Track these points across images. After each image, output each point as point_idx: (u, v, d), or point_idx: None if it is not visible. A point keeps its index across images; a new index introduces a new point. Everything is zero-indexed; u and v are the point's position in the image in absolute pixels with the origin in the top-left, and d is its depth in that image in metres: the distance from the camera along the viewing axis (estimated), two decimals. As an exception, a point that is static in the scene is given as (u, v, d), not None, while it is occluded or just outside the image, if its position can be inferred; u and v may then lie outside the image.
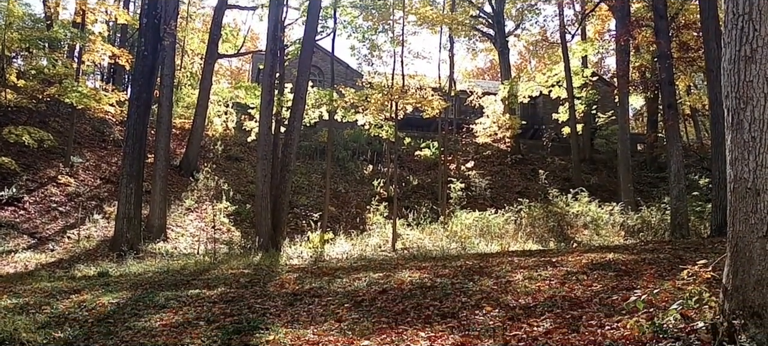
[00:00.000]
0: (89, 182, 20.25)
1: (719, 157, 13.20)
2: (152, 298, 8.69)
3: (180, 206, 20.26)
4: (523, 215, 19.78)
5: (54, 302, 8.56)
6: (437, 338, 6.11)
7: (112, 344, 6.65)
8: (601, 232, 18.60)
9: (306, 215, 21.50)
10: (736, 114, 4.46)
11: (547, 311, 6.82)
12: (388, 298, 8.16)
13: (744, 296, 4.35)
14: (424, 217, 21.31)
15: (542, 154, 31.09)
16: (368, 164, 27.59)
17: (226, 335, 6.80)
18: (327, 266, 11.76)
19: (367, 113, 21.46)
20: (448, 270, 9.82)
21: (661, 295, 5.77)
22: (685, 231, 15.40)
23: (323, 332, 6.69)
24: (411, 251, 16.46)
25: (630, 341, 5.14)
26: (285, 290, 9.08)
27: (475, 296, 7.83)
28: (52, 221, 17.27)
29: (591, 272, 8.80)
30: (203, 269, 12.04)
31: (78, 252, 15.37)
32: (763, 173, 4.28)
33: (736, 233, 4.46)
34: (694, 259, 5.70)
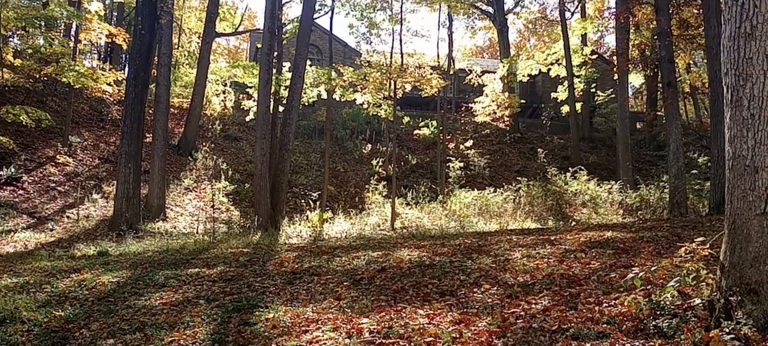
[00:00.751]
0: (88, 162, 20.23)
1: (718, 136, 13.19)
2: (152, 277, 8.73)
3: (179, 185, 20.25)
4: (521, 194, 19.81)
5: (54, 281, 8.59)
6: (436, 316, 6.15)
7: (113, 322, 6.68)
8: (600, 210, 18.65)
9: (305, 195, 21.51)
10: (736, 91, 4.44)
11: (545, 288, 6.85)
12: (387, 276, 8.19)
13: (741, 272, 4.36)
14: (423, 196, 21.34)
15: (541, 132, 31.06)
16: (367, 143, 27.56)
17: (225, 313, 6.83)
18: (326, 245, 11.79)
19: (366, 92, 21.40)
20: (446, 249, 9.85)
21: (659, 272, 5.80)
22: (684, 209, 15.43)
23: (322, 310, 6.72)
24: (410, 230, 16.50)
25: (627, 318, 5.17)
26: (284, 268, 9.11)
27: (473, 274, 7.86)
28: (51, 201, 17.28)
29: (589, 250, 8.83)
30: (202, 248, 12.07)
31: (77, 232, 15.39)
32: (762, 151, 4.27)
33: (733, 211, 4.46)
34: (692, 237, 5.72)
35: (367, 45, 25.34)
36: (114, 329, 6.45)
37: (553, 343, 4.94)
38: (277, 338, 5.86)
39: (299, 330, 6.04)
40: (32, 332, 6.45)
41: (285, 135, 18.07)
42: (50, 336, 6.31)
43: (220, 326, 6.42)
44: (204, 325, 6.50)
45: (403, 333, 5.61)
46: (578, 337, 4.99)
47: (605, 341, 4.77)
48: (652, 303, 5.11)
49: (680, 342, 4.37)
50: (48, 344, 6.09)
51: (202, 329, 6.35)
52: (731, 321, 4.29)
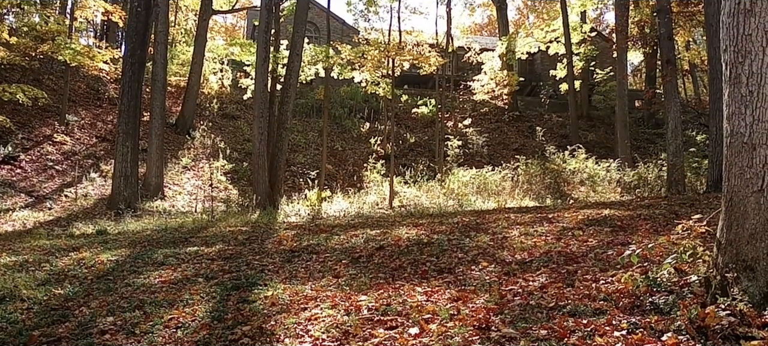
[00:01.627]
0: (85, 141, 20.18)
1: (717, 113, 13.17)
2: (151, 255, 8.75)
3: (177, 164, 20.23)
4: (520, 172, 19.82)
5: (53, 260, 8.62)
6: (434, 293, 6.18)
7: (112, 300, 6.71)
8: (598, 188, 18.67)
9: (303, 173, 21.51)
10: (734, 68, 4.42)
11: (543, 266, 6.88)
12: (385, 254, 8.22)
13: (737, 249, 4.38)
14: (421, 174, 21.35)
15: (540, 111, 31.00)
16: (365, 122, 27.50)
17: (224, 291, 6.87)
18: (324, 224, 11.82)
19: (364, 70, 21.30)
20: (444, 227, 9.88)
21: (656, 249, 5.82)
22: (681, 187, 15.45)
23: (321, 288, 6.76)
24: (408, 208, 16.53)
25: (624, 295, 5.20)
26: (283, 246, 9.14)
27: (471, 252, 7.89)
28: (49, 180, 17.27)
29: (587, 227, 8.86)
30: (201, 226, 12.09)
31: (76, 210, 15.40)
32: (760, 128, 4.27)
33: (731, 188, 4.47)
34: (690, 214, 5.74)
35: (365, 22, 25.16)
36: (113, 306, 6.48)
37: (550, 320, 4.97)
38: (275, 316, 5.89)
39: (298, 308, 6.08)
40: (32, 310, 6.48)
41: (283, 113, 18.02)
42: (50, 314, 6.34)
43: (219, 304, 6.46)
44: (203, 303, 6.54)
45: (401, 310, 5.64)
46: (575, 314, 5.02)
47: (602, 318, 4.80)
48: (648, 280, 5.14)
49: (676, 318, 4.40)
50: (48, 321, 6.12)
51: (201, 307, 6.38)
52: (727, 297, 4.31)
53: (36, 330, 5.84)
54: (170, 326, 5.85)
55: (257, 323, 5.74)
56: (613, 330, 4.50)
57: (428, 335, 4.93)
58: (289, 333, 5.38)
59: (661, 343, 4.15)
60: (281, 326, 5.58)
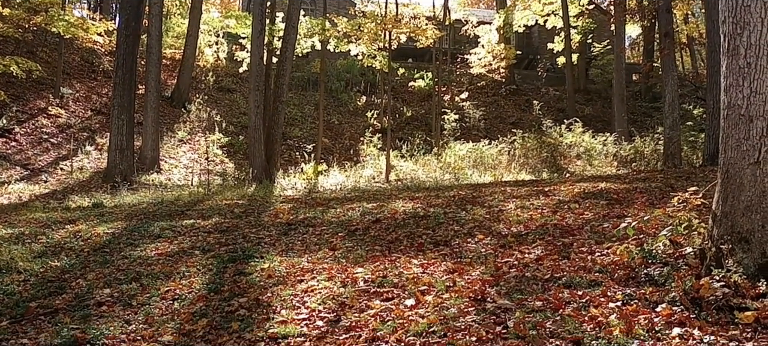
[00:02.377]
0: (80, 114, 20.07)
1: (714, 87, 13.14)
2: (147, 228, 8.76)
3: (172, 137, 20.16)
4: (516, 146, 19.80)
5: (49, 232, 8.61)
6: (430, 265, 6.21)
7: (109, 272, 6.72)
8: (594, 162, 18.69)
9: (299, 147, 21.47)
10: (733, 39, 4.40)
11: (539, 238, 6.91)
12: (381, 227, 8.24)
13: (733, 221, 4.39)
14: (418, 148, 21.33)
15: (537, 84, 30.90)
16: (361, 95, 27.39)
17: (221, 263, 6.88)
18: (321, 197, 11.82)
19: (360, 43, 21.15)
20: (441, 200, 9.89)
21: (652, 222, 5.84)
22: (678, 161, 15.47)
23: (317, 260, 6.77)
24: (404, 182, 16.53)
25: (619, 267, 5.23)
26: (279, 220, 9.15)
27: (467, 224, 7.91)
28: (44, 153, 17.21)
29: (583, 200, 8.88)
30: (197, 199, 12.08)
31: (71, 183, 15.37)
32: (757, 100, 4.25)
33: (727, 160, 4.47)
34: (685, 187, 5.74)
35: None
36: (110, 279, 6.50)
37: (546, 291, 5.00)
38: (272, 288, 5.92)
39: (294, 280, 6.10)
40: (28, 282, 6.49)
41: (279, 86, 17.92)
42: (46, 286, 6.36)
43: (215, 276, 6.48)
44: (199, 275, 6.56)
45: (397, 282, 5.67)
46: (570, 285, 5.05)
47: (597, 289, 4.83)
48: (644, 252, 5.16)
49: (671, 290, 4.43)
50: (44, 293, 6.14)
51: (198, 279, 6.40)
52: (722, 269, 4.34)
53: (33, 302, 5.85)
54: (167, 298, 5.87)
55: (254, 294, 5.76)
56: (608, 301, 4.53)
57: (424, 307, 4.96)
58: (285, 305, 5.41)
59: (656, 314, 4.18)
60: (278, 297, 5.61)
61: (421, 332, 4.40)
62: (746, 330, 3.84)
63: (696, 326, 3.91)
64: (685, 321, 4.00)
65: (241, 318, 5.20)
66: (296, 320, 5.02)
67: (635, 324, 4.01)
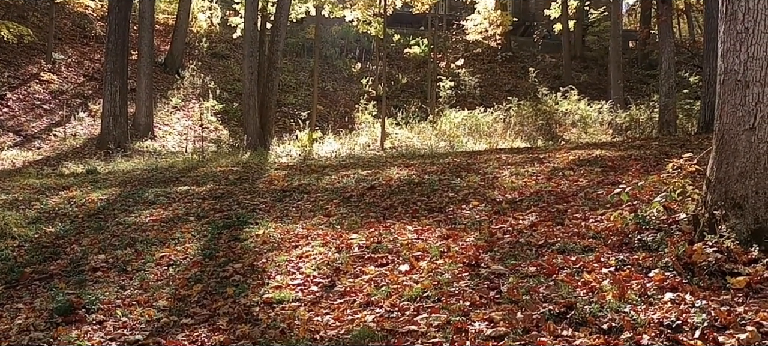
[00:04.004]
0: (73, 79, 19.88)
1: (711, 54, 13.07)
2: (141, 194, 8.73)
3: (166, 104, 20.02)
4: (512, 114, 19.75)
5: (43, 199, 8.59)
6: (424, 232, 6.22)
7: (103, 238, 6.73)
8: (589, 130, 18.68)
9: (294, 114, 21.35)
10: (730, 3, 4.35)
11: (533, 205, 6.92)
12: (376, 194, 8.24)
13: (727, 187, 4.40)
14: (413, 116, 21.26)
15: (533, 51, 30.68)
16: (356, 62, 27.18)
17: (216, 229, 6.89)
18: (316, 164, 11.80)
19: (355, 9, 20.92)
20: (435, 167, 9.89)
21: (646, 188, 5.85)
22: (673, 128, 15.47)
23: (312, 227, 6.78)
24: (399, 149, 16.52)
25: (613, 233, 5.25)
26: (274, 186, 9.14)
27: (462, 191, 7.92)
28: (37, 119, 17.08)
29: (577, 167, 8.88)
30: (192, 166, 12.05)
31: (65, 150, 15.30)
32: (754, 65, 4.23)
33: (722, 126, 4.46)
34: (680, 154, 5.74)
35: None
36: (105, 244, 6.51)
37: (539, 257, 5.02)
38: (267, 253, 5.93)
39: (289, 246, 6.11)
40: (23, 248, 6.49)
41: (273, 53, 17.75)
42: (41, 251, 6.36)
43: (210, 242, 6.49)
44: (194, 241, 6.57)
45: (391, 248, 5.69)
46: (564, 251, 5.07)
47: (590, 255, 4.85)
48: (637, 218, 5.18)
49: (664, 255, 4.45)
50: (39, 259, 6.15)
51: (193, 245, 6.41)
52: (715, 235, 4.35)
53: (28, 267, 5.87)
54: (162, 264, 5.89)
55: (248, 260, 5.78)
56: (602, 267, 4.56)
57: (418, 272, 4.98)
58: (280, 270, 5.43)
59: (649, 279, 4.21)
60: (272, 263, 5.63)
61: (415, 297, 4.43)
62: (738, 295, 3.88)
63: (688, 291, 3.94)
64: (677, 286, 4.03)
65: (236, 283, 5.23)
66: (291, 285, 5.04)
67: (628, 289, 4.04)
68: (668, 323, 3.59)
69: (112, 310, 4.79)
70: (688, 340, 3.42)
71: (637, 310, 3.80)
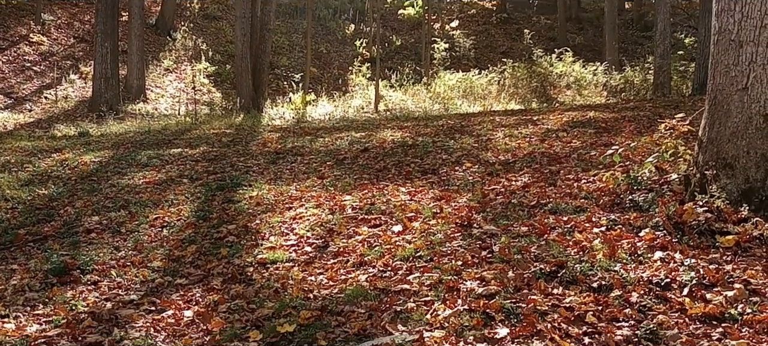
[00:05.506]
0: (63, 41, 19.63)
1: (706, 15, 13.00)
2: (134, 157, 8.71)
3: (158, 66, 19.84)
4: (506, 76, 19.64)
5: (36, 161, 8.56)
6: (417, 193, 6.24)
7: (97, 200, 6.73)
8: (584, 92, 18.63)
9: (287, 76, 21.20)
10: (727, -37, 4.32)
11: (526, 166, 6.94)
12: (369, 156, 8.24)
13: (718, 147, 4.42)
14: (407, 78, 21.13)
15: (528, 13, 30.42)
16: (350, 24, 26.91)
17: (209, 191, 6.89)
18: (309, 127, 11.76)
19: (349, -31, 20.61)
20: (429, 129, 9.88)
21: (638, 149, 5.87)
22: (667, 90, 15.44)
23: (306, 189, 6.79)
24: (393, 112, 16.45)
25: (605, 193, 5.28)
26: (267, 148, 9.12)
27: (455, 153, 7.93)
28: (28, 81, 16.92)
29: (571, 129, 8.89)
30: (184, 129, 12.00)
31: (56, 112, 15.20)
32: (748, 24, 4.21)
33: (715, 86, 4.46)
34: (673, 115, 5.75)
35: None
36: (98, 206, 6.51)
37: (531, 217, 5.06)
38: (260, 215, 5.95)
39: (283, 207, 6.13)
40: (16, 210, 6.49)
41: (266, 14, 17.55)
42: (35, 213, 6.36)
43: (204, 204, 6.50)
44: (188, 203, 6.58)
45: (384, 209, 5.71)
46: (556, 211, 5.11)
47: (582, 215, 4.89)
48: (629, 179, 5.21)
49: (654, 215, 4.49)
50: (33, 220, 6.15)
51: (187, 207, 6.42)
52: (705, 195, 4.39)
53: (22, 229, 5.87)
54: (156, 226, 5.91)
55: (242, 221, 5.80)
56: (593, 227, 4.59)
57: (411, 233, 5.01)
58: (274, 231, 5.45)
59: (639, 238, 4.25)
60: (266, 224, 5.65)
61: (408, 257, 4.46)
62: (726, 253, 3.92)
63: (678, 250, 3.99)
64: (667, 245, 4.08)
65: (230, 244, 5.25)
66: (285, 246, 5.07)
67: (618, 248, 4.08)
68: (657, 281, 3.63)
69: (106, 271, 4.81)
70: (676, 297, 3.47)
71: (626, 268, 3.84)
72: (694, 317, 3.28)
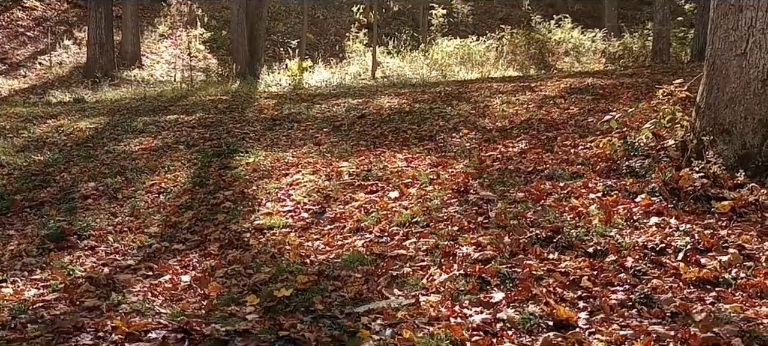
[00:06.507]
0: (56, 6, 19.39)
1: (707, -20, 12.87)
2: (130, 123, 8.66)
3: (153, 32, 19.65)
4: (504, 43, 19.50)
5: (31, 127, 8.51)
6: (414, 159, 6.24)
7: (93, 166, 6.71)
8: (582, 59, 18.53)
9: (283, 42, 21.00)
10: (729, -75, 4.25)
11: (523, 133, 6.93)
12: (366, 123, 8.21)
13: (716, 113, 4.40)
14: (405, 45, 20.96)
15: (527, -21, 30.11)
16: (347, -11, 26.62)
17: (205, 157, 6.88)
18: (306, 93, 11.69)
19: (346, -67, 20.30)
20: (426, 96, 9.82)
21: (636, 115, 5.86)
22: (666, 57, 15.36)
23: (302, 155, 6.78)
24: (391, 79, 16.35)
25: (602, 159, 5.28)
26: (264, 115, 9.08)
27: (452, 120, 7.90)
28: (21, 46, 16.75)
29: (568, 96, 8.85)
30: (180, 95, 11.91)
31: (51, 78, 15.09)
32: (749, -12, 4.17)
33: (714, 51, 4.43)
34: (672, 81, 5.72)
35: None
36: (94, 172, 6.50)
37: (528, 183, 5.06)
38: (257, 181, 5.95)
39: (279, 173, 6.13)
40: (12, 176, 6.48)
41: (261, -21, 17.32)
42: (31, 179, 6.35)
43: (200, 170, 6.49)
44: (184, 169, 6.56)
45: (381, 176, 5.71)
46: (552, 177, 5.11)
47: (579, 181, 4.89)
48: (626, 145, 5.20)
49: (651, 181, 4.49)
50: (29, 186, 6.15)
51: (183, 173, 6.41)
52: (702, 161, 4.39)
53: (18, 195, 5.87)
54: (152, 192, 5.90)
55: (239, 187, 5.80)
56: (589, 192, 4.60)
57: (408, 199, 5.02)
58: (270, 197, 5.46)
59: (635, 204, 4.26)
60: (263, 190, 5.65)
61: (405, 223, 4.47)
62: (722, 219, 3.94)
63: (673, 216, 4.00)
64: (662, 211, 4.09)
65: (227, 210, 5.26)
66: (281, 212, 5.08)
67: (614, 214, 4.09)
68: (652, 246, 3.65)
69: (103, 236, 4.82)
70: (671, 262, 3.49)
71: (622, 234, 3.86)
72: (688, 281, 3.30)
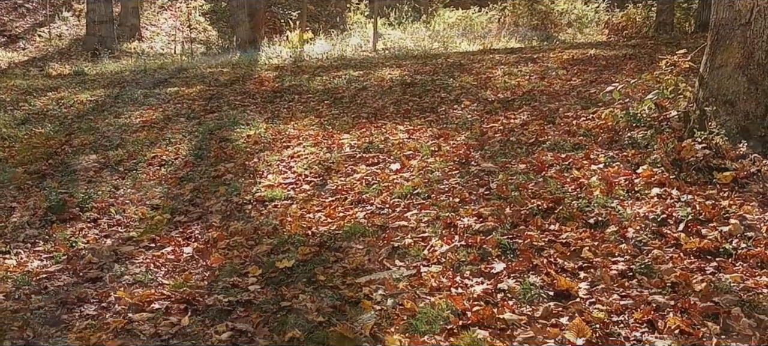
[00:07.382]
0: (54, -22, 19.22)
1: (712, -50, 12.69)
2: (131, 95, 8.64)
3: (152, 4, 19.49)
4: (506, 14, 19.34)
5: (31, 100, 8.49)
6: (416, 131, 6.22)
7: (94, 139, 6.70)
8: (585, 30, 18.38)
9: (284, 14, 20.84)
10: None
11: (525, 104, 6.90)
12: (367, 95, 8.17)
13: (719, 83, 4.37)
14: (406, 16, 20.78)
15: (530, -52, 29.75)
16: (348, -40, 26.34)
17: (206, 130, 6.86)
18: (307, 65, 11.62)
19: None
20: (428, 68, 9.77)
21: (638, 86, 5.82)
22: (670, 28, 15.20)
23: (303, 127, 6.77)
24: (392, 50, 16.22)
25: (604, 131, 5.26)
26: (264, 87, 9.04)
27: (454, 92, 7.87)
28: (20, 19, 16.64)
29: (571, 67, 8.80)
30: (181, 68, 11.84)
31: (50, 51, 15.00)
32: (755, -43, 4.11)
33: (718, 21, 4.38)
34: (675, 52, 5.67)
35: None
36: (96, 145, 6.50)
37: (529, 155, 5.05)
38: (258, 153, 5.95)
39: (280, 146, 6.12)
40: (14, 148, 6.48)
41: (261, -51, 17.12)
42: (32, 151, 6.35)
43: (201, 142, 6.48)
44: (185, 141, 6.56)
45: (383, 148, 5.70)
46: (554, 149, 5.10)
47: (580, 152, 4.88)
48: (628, 116, 5.18)
49: (653, 152, 4.48)
50: (30, 159, 6.14)
51: (184, 146, 6.41)
52: (704, 131, 4.37)
53: (19, 167, 5.87)
54: (153, 164, 5.90)
55: (240, 160, 5.80)
56: (591, 164, 4.59)
57: (409, 171, 5.01)
58: (272, 169, 5.45)
59: (637, 175, 4.25)
60: (264, 162, 5.65)
61: (406, 195, 4.47)
62: (723, 190, 3.93)
63: (675, 187, 3.99)
64: (664, 182, 4.08)
65: (228, 182, 5.26)
66: (283, 184, 5.08)
67: (616, 185, 4.09)
68: (653, 217, 3.65)
69: (105, 208, 4.83)
70: (672, 233, 3.49)
71: (623, 205, 3.86)
72: (689, 251, 3.31)
